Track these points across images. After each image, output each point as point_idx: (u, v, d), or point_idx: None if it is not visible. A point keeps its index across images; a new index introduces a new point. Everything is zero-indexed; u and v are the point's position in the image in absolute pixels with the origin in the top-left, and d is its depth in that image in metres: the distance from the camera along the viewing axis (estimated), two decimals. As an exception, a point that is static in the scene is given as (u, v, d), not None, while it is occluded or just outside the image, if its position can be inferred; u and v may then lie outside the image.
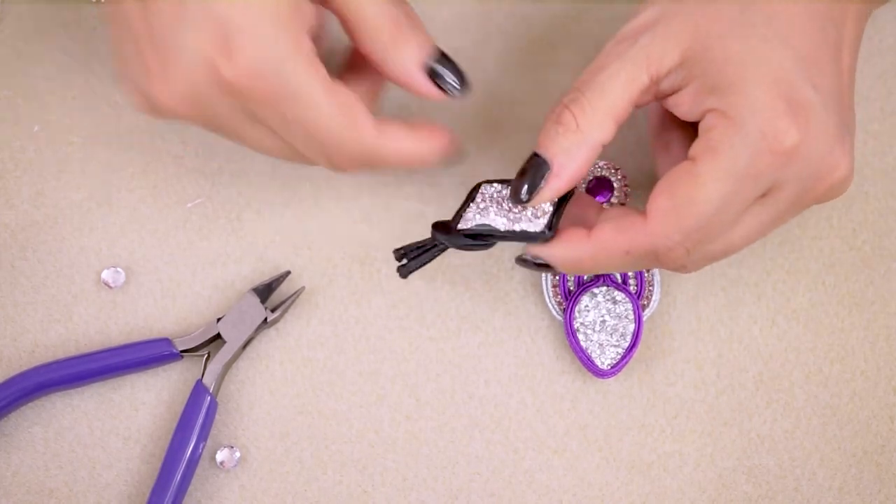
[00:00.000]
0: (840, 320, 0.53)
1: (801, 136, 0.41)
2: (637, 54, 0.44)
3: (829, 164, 0.43)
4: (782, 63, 0.42)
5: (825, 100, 0.42)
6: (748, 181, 0.42)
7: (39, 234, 0.54)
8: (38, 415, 0.52)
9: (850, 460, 0.52)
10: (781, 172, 0.42)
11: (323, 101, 0.43)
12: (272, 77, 0.42)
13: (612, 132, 0.44)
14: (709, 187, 0.42)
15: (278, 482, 0.52)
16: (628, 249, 0.44)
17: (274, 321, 0.52)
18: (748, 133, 0.41)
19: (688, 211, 0.42)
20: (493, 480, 0.52)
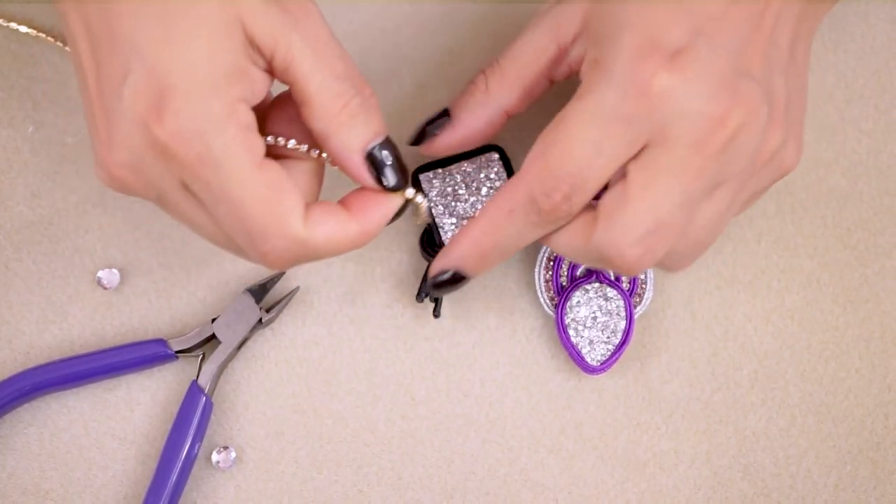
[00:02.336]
0: (835, 318, 0.53)
1: (674, 77, 0.40)
2: (546, 24, 0.45)
3: (715, 106, 0.40)
4: (661, 11, 0.41)
5: (714, 45, 0.41)
6: (616, 124, 0.40)
7: (34, 235, 0.53)
8: (33, 416, 0.52)
9: (846, 458, 0.52)
10: (654, 117, 0.40)
11: (248, 178, 0.41)
12: (197, 142, 0.40)
13: (517, 99, 0.46)
14: (572, 128, 0.41)
15: (274, 482, 0.52)
16: (510, 208, 0.43)
17: (269, 321, 0.52)
18: (613, 76, 0.40)
19: (553, 152, 0.41)
20: (488, 479, 0.52)
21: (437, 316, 0.52)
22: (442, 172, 0.52)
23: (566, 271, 0.53)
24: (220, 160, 0.41)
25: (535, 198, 0.42)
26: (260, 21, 0.41)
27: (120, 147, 0.41)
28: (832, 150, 0.54)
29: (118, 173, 0.42)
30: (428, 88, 0.55)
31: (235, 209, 0.41)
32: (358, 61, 0.53)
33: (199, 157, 0.41)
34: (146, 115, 0.40)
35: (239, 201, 0.41)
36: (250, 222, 0.41)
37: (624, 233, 0.41)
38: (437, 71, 0.55)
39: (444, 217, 0.51)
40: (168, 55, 0.40)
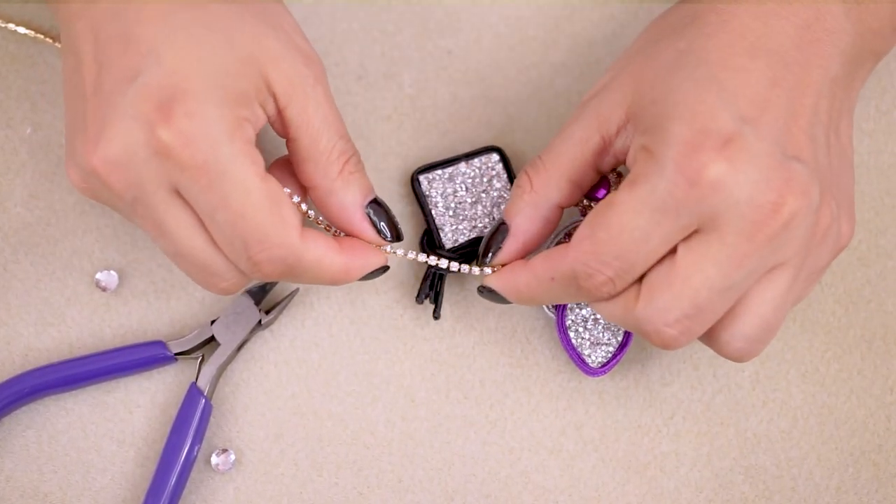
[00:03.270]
0: (836, 319, 0.53)
1: (726, 166, 0.40)
2: (588, 115, 0.46)
3: (769, 191, 0.41)
4: (706, 98, 0.41)
5: (761, 131, 0.41)
6: (666, 213, 0.41)
7: (32, 236, 0.53)
8: (31, 419, 0.52)
9: (848, 459, 0.52)
10: (706, 205, 0.41)
11: (253, 186, 0.42)
12: (207, 149, 0.41)
13: (567, 192, 0.47)
14: (623, 214, 0.42)
15: (273, 484, 0.51)
16: (553, 275, 0.44)
17: (268, 323, 0.52)
18: (665, 165, 0.41)
19: (601, 235, 0.42)
20: (488, 481, 0.52)
21: (436, 317, 0.52)
22: (441, 173, 0.52)
23: None
24: (225, 167, 0.42)
25: (577, 275, 0.43)
26: (284, 68, 0.44)
27: (112, 141, 0.41)
28: (833, 151, 0.54)
29: (101, 168, 0.42)
30: (427, 89, 0.55)
31: (236, 216, 0.42)
32: (357, 62, 0.54)
33: (204, 161, 0.41)
34: (153, 113, 0.41)
35: (241, 209, 0.42)
36: (250, 230, 0.42)
37: (663, 313, 0.42)
38: (436, 72, 0.55)
39: (444, 218, 0.52)
40: (188, 64, 0.41)
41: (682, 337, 0.43)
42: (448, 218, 0.52)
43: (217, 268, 0.45)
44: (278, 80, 0.44)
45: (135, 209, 0.44)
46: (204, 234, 0.44)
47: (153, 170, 0.42)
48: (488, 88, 0.55)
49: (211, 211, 0.42)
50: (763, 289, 0.43)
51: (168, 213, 0.43)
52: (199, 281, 0.46)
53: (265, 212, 0.42)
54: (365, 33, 0.55)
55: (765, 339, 0.44)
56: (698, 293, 0.41)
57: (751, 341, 0.44)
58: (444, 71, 0.55)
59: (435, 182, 0.52)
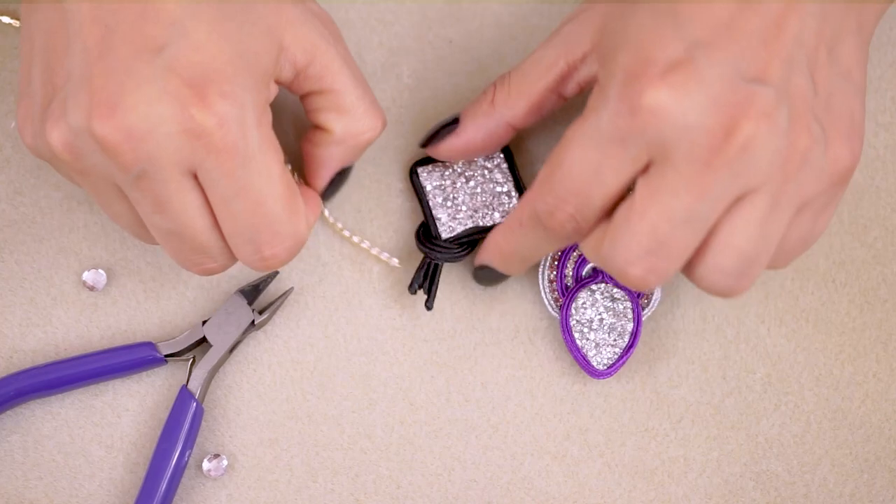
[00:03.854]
0: (851, 319, 0.53)
1: (664, 94, 0.40)
2: (556, 42, 0.47)
3: (717, 118, 0.39)
4: (657, 26, 0.41)
5: (713, 56, 0.40)
6: (612, 144, 0.41)
7: (17, 234, 0.53)
8: (16, 423, 0.52)
9: (862, 465, 0.52)
10: (651, 133, 0.40)
11: (276, 176, 0.43)
12: (238, 133, 0.42)
13: (523, 113, 0.49)
14: (573, 149, 0.42)
15: (267, 491, 0.51)
16: (520, 221, 0.46)
17: (262, 323, 0.52)
18: (609, 95, 0.41)
19: (556, 172, 0.43)
20: (490, 487, 0.51)
21: (429, 307, 0.52)
22: (441, 166, 0.52)
23: (571, 271, 0.52)
24: (254, 153, 0.42)
25: (540, 215, 0.44)
26: (302, 30, 0.45)
27: (133, 111, 0.41)
28: (848, 144, 0.54)
29: (114, 136, 0.41)
30: (427, 81, 0.55)
31: (255, 205, 0.43)
32: (355, 53, 0.55)
33: (234, 146, 0.42)
34: (184, 90, 0.41)
35: (261, 198, 0.43)
36: (267, 220, 0.43)
37: (624, 250, 0.42)
38: (436, 63, 0.55)
39: (440, 210, 0.52)
40: (216, 42, 0.42)
41: (649, 275, 0.42)
42: (445, 209, 0.52)
43: (211, 250, 0.45)
44: (297, 42, 0.45)
45: (136, 183, 0.43)
46: (209, 216, 0.44)
47: (174, 147, 0.41)
48: (490, 79, 0.53)
49: (229, 197, 0.43)
50: (733, 218, 0.41)
51: (177, 192, 0.43)
52: (183, 260, 0.46)
53: (283, 202, 0.44)
54: (363, 23, 0.55)
55: (746, 272, 0.43)
56: (657, 227, 0.41)
57: (729, 275, 0.43)
58: (445, 61, 0.55)
59: (434, 174, 0.52)
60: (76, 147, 0.42)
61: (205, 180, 0.43)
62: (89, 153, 0.42)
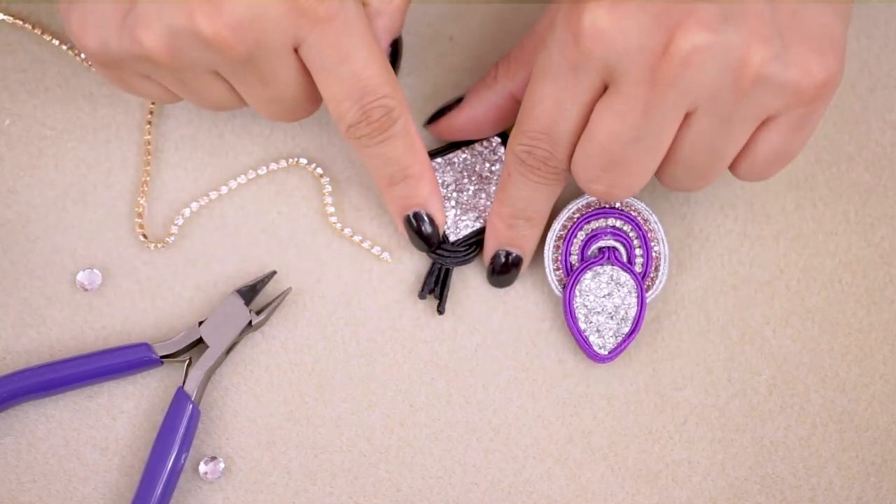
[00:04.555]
0: (858, 320, 0.53)
1: (601, 16, 0.41)
2: (552, 11, 0.49)
3: (657, 36, 0.40)
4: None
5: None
6: (564, 75, 0.43)
7: (11, 233, 0.53)
8: (10, 425, 0.51)
9: (869, 469, 0.51)
10: (595, 57, 0.41)
11: (373, 40, 0.46)
12: (338, 5, 0.44)
13: (523, 83, 0.50)
14: (533, 88, 0.45)
15: (265, 494, 0.51)
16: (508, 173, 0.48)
17: (259, 324, 0.52)
18: (555, 28, 0.43)
19: (524, 113, 0.46)
20: (491, 491, 0.51)
21: (441, 311, 0.52)
22: (441, 162, 0.53)
23: (577, 249, 0.52)
24: (353, 21, 0.45)
25: (521, 158, 0.47)
26: None
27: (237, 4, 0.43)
28: (855, 142, 0.54)
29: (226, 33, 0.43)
30: (427, 78, 0.55)
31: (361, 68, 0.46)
32: None
33: (335, 16, 0.44)
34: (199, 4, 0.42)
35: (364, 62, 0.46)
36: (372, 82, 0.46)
37: (584, 170, 0.45)
38: (437, 59, 0.55)
39: (447, 210, 0.52)
40: None
41: (613, 190, 0.46)
42: (450, 209, 0.52)
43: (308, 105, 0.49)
44: None
45: (241, 68, 0.45)
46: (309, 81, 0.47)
47: (281, 29, 0.44)
48: None
49: (333, 64, 0.45)
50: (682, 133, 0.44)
51: (282, 68, 0.46)
52: (277, 116, 0.49)
53: (382, 64, 0.46)
54: None
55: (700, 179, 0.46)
56: (608, 147, 0.44)
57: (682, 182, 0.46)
58: (446, 58, 0.55)
59: (435, 172, 0.52)
60: (176, 47, 0.44)
61: (309, 53, 0.45)
62: (191, 50, 0.44)
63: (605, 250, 0.51)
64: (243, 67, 0.45)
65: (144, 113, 0.54)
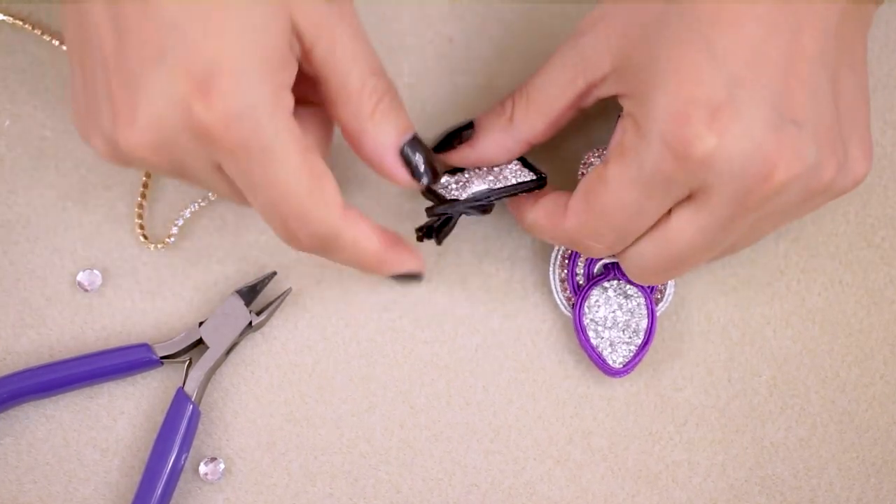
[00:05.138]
0: (858, 321, 0.52)
1: (715, 140, 0.40)
2: (574, 60, 0.46)
3: (761, 162, 0.41)
4: (693, 64, 0.41)
5: (754, 95, 0.41)
6: (657, 188, 0.42)
7: (11, 234, 0.53)
8: (10, 426, 0.51)
9: (870, 469, 0.51)
10: (697, 177, 0.41)
11: (294, 165, 0.42)
12: (247, 127, 0.41)
13: (541, 131, 0.47)
14: (614, 190, 0.43)
15: (265, 495, 0.51)
16: (552, 235, 0.47)
17: (259, 325, 0.52)
18: (652, 141, 0.41)
19: (599, 216, 0.44)
20: (491, 492, 0.51)
21: (439, 243, 0.50)
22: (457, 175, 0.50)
23: (582, 269, 0.52)
24: (268, 146, 0.41)
25: (574, 242, 0.46)
26: (307, 9, 0.43)
27: (148, 127, 0.41)
28: (855, 143, 0.53)
29: (135, 148, 0.42)
30: (427, 79, 0.55)
31: (278, 196, 0.42)
32: None
33: (245, 142, 0.41)
34: (190, 95, 0.40)
35: (283, 189, 0.42)
36: (291, 210, 0.43)
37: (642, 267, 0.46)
38: (436, 60, 0.55)
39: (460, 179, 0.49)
40: (215, 35, 0.41)
41: (655, 280, 0.47)
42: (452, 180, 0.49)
43: None
44: (303, 22, 0.43)
45: (173, 175, 0.44)
46: None
47: (194, 150, 0.42)
48: (492, 78, 0.55)
49: (251, 189, 0.43)
50: None
51: (210, 180, 0.44)
52: None
53: (307, 190, 0.42)
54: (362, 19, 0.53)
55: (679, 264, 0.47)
56: (681, 255, 0.44)
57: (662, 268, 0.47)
58: (445, 59, 0.55)
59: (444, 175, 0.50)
60: (119, 157, 0.43)
61: (228, 174, 0.42)
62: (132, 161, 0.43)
63: (610, 266, 0.51)
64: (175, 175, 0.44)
65: (144, 114, 0.54)
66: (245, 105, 0.40)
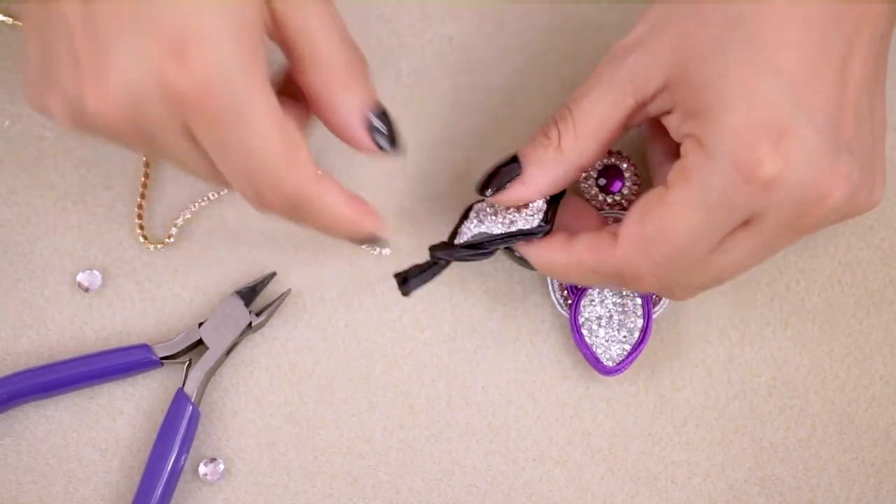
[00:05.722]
0: (858, 322, 0.52)
1: (781, 163, 0.40)
2: (623, 77, 0.44)
3: (819, 188, 0.41)
4: (761, 85, 0.41)
5: (814, 119, 0.41)
6: (721, 212, 0.41)
7: (11, 234, 0.53)
8: (10, 426, 0.51)
9: (869, 470, 0.51)
10: (760, 202, 0.41)
11: (269, 130, 0.41)
12: (223, 92, 0.40)
13: (593, 155, 0.45)
14: (678, 218, 0.42)
15: (264, 495, 0.51)
16: (595, 269, 0.44)
17: (259, 325, 0.52)
18: (719, 163, 0.41)
19: (656, 241, 0.42)
20: (491, 493, 0.51)
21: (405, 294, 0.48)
22: None
23: None
24: (244, 113, 0.40)
25: (623, 275, 0.44)
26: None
27: (119, 91, 0.40)
28: (855, 144, 0.53)
29: (103, 110, 0.40)
30: (426, 79, 0.54)
31: (251, 161, 0.42)
32: None
33: (221, 107, 0.40)
34: (164, 60, 0.39)
35: (255, 154, 0.41)
36: (263, 174, 0.42)
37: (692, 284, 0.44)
38: (436, 61, 0.55)
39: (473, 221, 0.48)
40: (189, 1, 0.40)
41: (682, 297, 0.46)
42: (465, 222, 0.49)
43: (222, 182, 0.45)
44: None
45: (136, 145, 0.43)
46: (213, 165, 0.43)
47: (164, 114, 0.41)
48: (491, 78, 0.54)
49: (224, 153, 0.42)
50: None
51: (178, 149, 0.42)
52: None
53: (280, 154, 0.42)
54: (361, 19, 0.55)
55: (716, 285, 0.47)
56: (724, 276, 0.44)
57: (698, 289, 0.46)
58: (445, 59, 0.55)
59: None
60: (79, 120, 0.42)
61: (199, 139, 0.42)
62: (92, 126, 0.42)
63: None
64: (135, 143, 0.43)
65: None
66: (221, 70, 0.40)
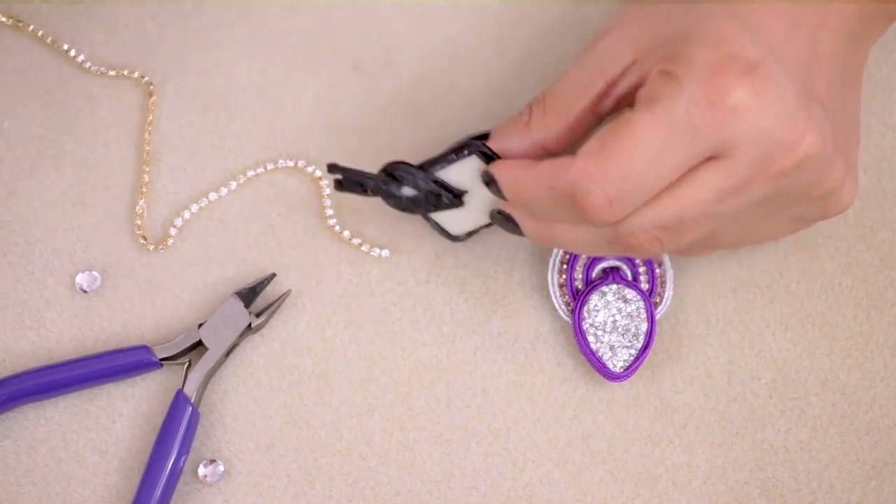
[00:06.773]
0: (858, 323, 0.52)
1: (749, 92, 0.40)
2: (593, 60, 0.46)
3: (789, 131, 0.40)
4: (728, 26, 0.41)
5: (784, 65, 0.41)
6: (683, 136, 0.40)
7: (10, 235, 0.53)
8: (9, 427, 0.51)
9: (870, 472, 0.51)
10: (724, 131, 0.40)
11: None
12: None
13: (558, 136, 0.46)
14: (638, 132, 0.40)
15: (264, 497, 0.51)
16: (552, 183, 0.43)
17: (259, 326, 0.51)
18: (686, 85, 0.40)
19: (613, 156, 0.41)
20: (490, 495, 0.51)
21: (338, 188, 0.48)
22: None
23: (581, 274, 0.52)
24: None
25: (576, 189, 0.41)
26: None
27: None
28: (855, 146, 0.54)
29: None
30: (427, 79, 0.55)
31: None
32: (353, 51, 0.54)
33: None
34: None
35: None
36: None
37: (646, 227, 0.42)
38: (436, 61, 0.55)
39: None
40: None
41: (653, 244, 0.43)
42: None
43: None
44: None
45: None
46: None
47: None
48: (491, 78, 0.55)
49: None
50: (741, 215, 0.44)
51: None
52: None
53: None
54: (362, 20, 0.55)
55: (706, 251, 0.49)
56: (683, 212, 0.42)
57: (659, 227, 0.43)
58: (445, 60, 0.55)
59: None
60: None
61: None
62: None
63: (608, 271, 0.51)
64: None
65: (144, 115, 0.54)
66: None
